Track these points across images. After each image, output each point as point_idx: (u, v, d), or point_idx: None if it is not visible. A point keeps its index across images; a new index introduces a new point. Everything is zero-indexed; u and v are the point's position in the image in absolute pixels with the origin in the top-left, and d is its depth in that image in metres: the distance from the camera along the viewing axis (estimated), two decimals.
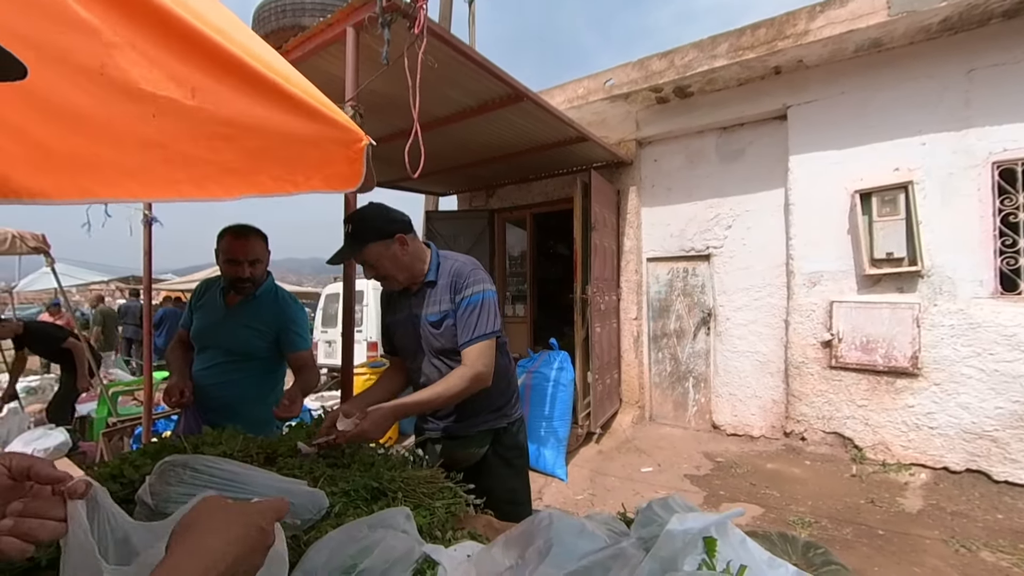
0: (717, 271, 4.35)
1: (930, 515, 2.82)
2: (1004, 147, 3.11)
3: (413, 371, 1.56)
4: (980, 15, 3.05)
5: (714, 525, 0.77)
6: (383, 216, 1.41)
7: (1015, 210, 3.08)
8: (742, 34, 3.60)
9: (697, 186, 4.44)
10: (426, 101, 2.85)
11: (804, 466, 3.53)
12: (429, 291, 1.47)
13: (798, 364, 3.79)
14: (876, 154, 3.50)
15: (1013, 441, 3.05)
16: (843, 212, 3.60)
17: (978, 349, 3.14)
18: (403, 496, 1.11)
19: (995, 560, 2.38)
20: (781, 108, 3.89)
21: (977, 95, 3.20)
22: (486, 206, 5.82)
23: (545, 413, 3.46)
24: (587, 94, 4.44)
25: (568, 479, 3.36)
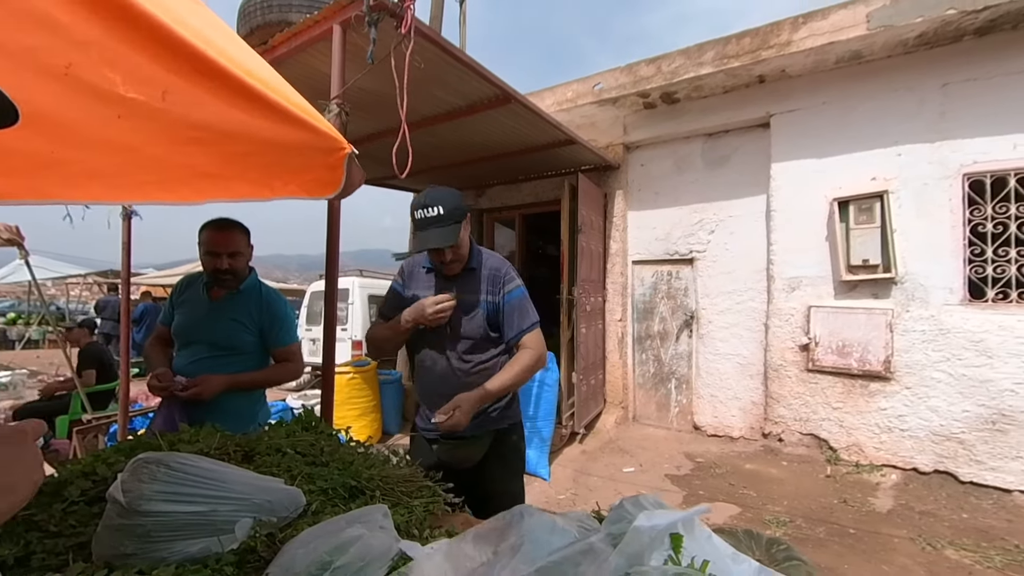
0: (700, 275, 4.43)
1: (899, 515, 2.91)
2: (974, 159, 3.23)
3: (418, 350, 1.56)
4: (954, 32, 3.16)
5: (681, 522, 0.80)
6: (458, 197, 1.46)
7: (983, 220, 3.20)
8: (728, 43, 3.67)
9: (683, 191, 4.51)
10: (415, 100, 2.85)
11: (781, 467, 3.61)
12: (469, 277, 1.53)
13: (777, 367, 3.88)
14: (855, 163, 3.60)
15: (979, 443, 3.16)
16: (822, 219, 3.69)
17: (947, 354, 3.25)
18: (381, 494, 1.12)
19: (959, 558, 2.47)
20: (765, 116, 3.98)
21: (951, 108, 3.31)
22: (476, 206, 5.82)
23: (529, 413, 3.48)
24: (576, 97, 4.47)
25: (551, 479, 3.39)
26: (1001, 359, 3.09)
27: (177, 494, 0.78)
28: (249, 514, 0.85)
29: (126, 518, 0.75)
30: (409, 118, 3.23)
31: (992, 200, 3.18)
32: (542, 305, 6.08)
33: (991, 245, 3.18)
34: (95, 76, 0.75)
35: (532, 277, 6.43)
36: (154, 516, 0.75)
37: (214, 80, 0.79)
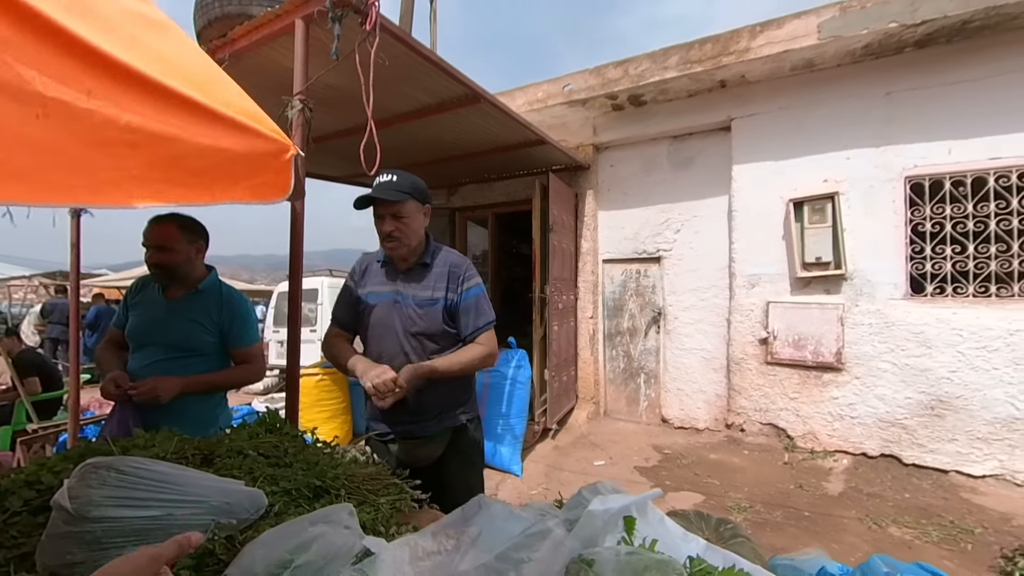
0: (667, 273, 4.57)
1: (849, 497, 3.10)
2: (915, 163, 3.46)
3: (373, 346, 1.55)
4: (896, 43, 3.38)
5: (634, 505, 0.84)
6: (422, 183, 1.54)
7: (923, 220, 3.44)
8: (691, 48, 3.80)
9: (650, 192, 4.63)
10: (384, 97, 2.83)
11: (743, 455, 3.78)
12: (422, 272, 1.54)
13: (738, 360, 4.05)
14: (809, 166, 3.80)
15: (920, 428, 3.41)
16: (779, 219, 3.88)
17: (892, 346, 3.48)
18: (346, 493, 1.12)
19: (901, 534, 2.65)
20: (726, 120, 4.14)
21: (895, 115, 3.54)
22: (447, 204, 5.80)
23: (502, 411, 3.51)
24: (547, 98, 4.53)
25: (524, 475, 3.43)
26: (939, 349, 3.33)
27: (129, 499, 0.76)
28: (207, 517, 0.84)
29: (73, 525, 0.73)
30: (378, 115, 3.19)
31: (930, 201, 3.42)
32: (517, 304, 6.11)
33: (929, 243, 3.42)
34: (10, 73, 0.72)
35: (505, 276, 6.47)
36: (104, 522, 0.74)
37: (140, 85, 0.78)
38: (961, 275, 3.34)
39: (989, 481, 3.20)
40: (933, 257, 3.41)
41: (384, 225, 1.46)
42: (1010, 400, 3.14)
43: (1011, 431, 3.15)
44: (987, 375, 3.20)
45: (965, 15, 3.02)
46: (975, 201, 3.29)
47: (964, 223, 3.32)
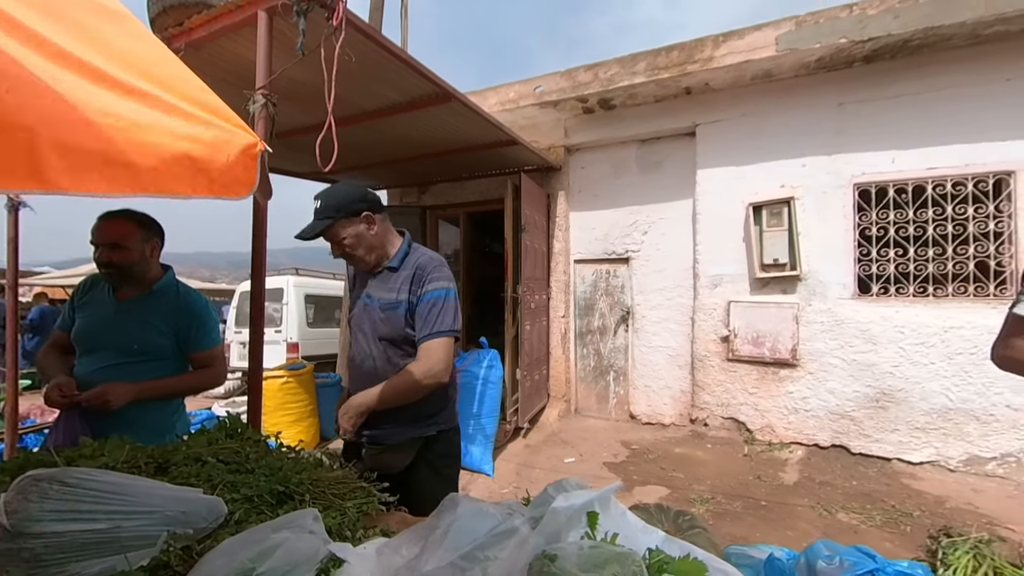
0: (635, 273, 4.69)
1: (803, 486, 3.28)
2: (863, 171, 3.69)
3: (356, 349, 1.56)
4: (846, 57, 3.59)
5: (597, 500, 0.87)
6: (352, 194, 1.45)
7: (870, 225, 3.68)
8: (658, 55, 3.91)
9: (619, 194, 4.74)
10: (353, 94, 2.78)
11: (706, 449, 3.93)
12: (389, 276, 1.51)
13: (702, 357, 4.21)
14: (767, 171, 3.99)
15: (866, 420, 3.64)
16: (740, 222, 4.05)
17: (842, 342, 3.70)
18: (311, 499, 1.10)
19: (848, 519, 2.83)
20: (691, 125, 4.28)
21: (845, 125, 3.76)
22: (419, 203, 5.74)
23: (474, 411, 3.51)
24: (518, 98, 4.55)
25: (495, 474, 3.45)
26: (883, 345, 3.57)
27: (73, 512, 0.73)
28: (160, 527, 0.81)
29: (10, 542, 0.69)
30: (348, 112, 3.13)
31: (876, 207, 3.66)
32: (491, 303, 6.09)
33: (875, 247, 3.66)
34: None
35: (478, 275, 6.46)
36: (44, 538, 0.70)
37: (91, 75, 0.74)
38: (903, 276, 3.59)
39: (926, 467, 3.46)
40: (878, 259, 3.65)
41: (333, 251, 1.48)
42: (945, 392, 3.41)
43: (945, 420, 3.41)
44: (925, 369, 3.45)
45: (906, 34, 3.25)
46: (915, 207, 3.55)
47: (906, 228, 3.57)
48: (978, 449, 3.33)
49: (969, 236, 3.41)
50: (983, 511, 2.89)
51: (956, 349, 3.34)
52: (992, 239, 3.35)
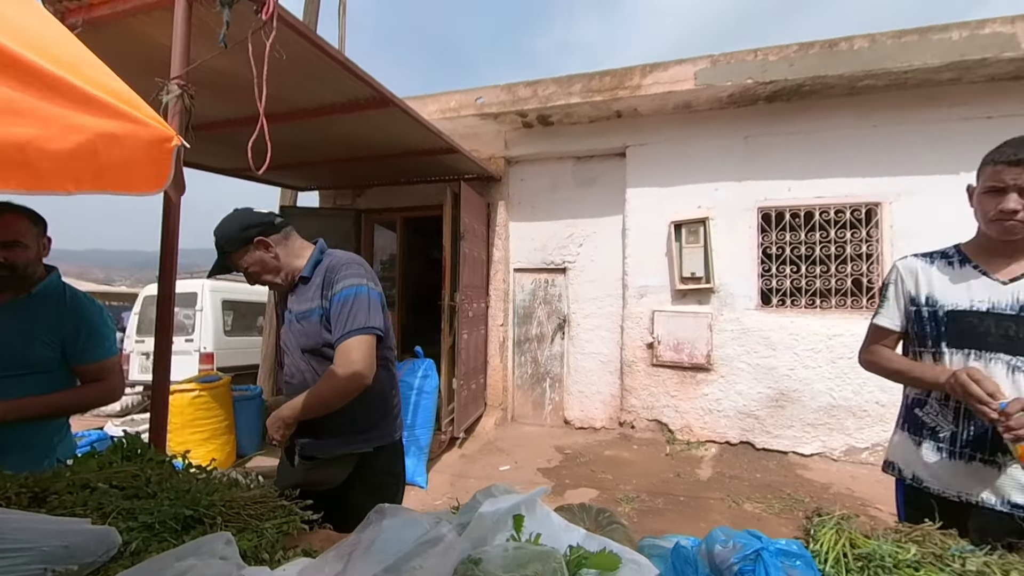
0: (571, 283, 4.88)
1: (716, 480, 3.59)
2: (765, 197, 4.17)
3: (287, 367, 1.51)
4: (752, 96, 4.05)
5: (523, 504, 0.91)
6: (239, 223, 1.40)
7: (770, 244, 4.16)
8: (592, 78, 4.15)
9: (557, 207, 4.93)
10: (284, 91, 2.64)
11: (633, 450, 4.16)
12: (302, 288, 1.46)
13: (630, 363, 4.47)
14: (687, 193, 4.37)
15: (768, 418, 4.07)
16: (663, 238, 4.39)
17: (748, 348, 4.12)
18: (224, 521, 1.03)
19: (753, 509, 3.14)
20: (622, 147, 4.58)
21: (751, 155, 4.23)
22: (353, 205, 5.54)
23: (407, 422, 3.43)
24: (460, 107, 4.59)
25: (428, 486, 3.39)
26: (781, 351, 4.03)
27: None
28: (36, 565, 0.72)
29: None
30: (278, 108, 2.97)
31: (775, 229, 4.14)
32: (428, 311, 5.96)
33: (775, 264, 4.14)
34: None
35: (415, 282, 6.34)
36: None
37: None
38: (796, 290, 4.10)
39: (815, 459, 3.94)
40: (777, 275, 4.14)
41: (248, 281, 1.47)
42: (829, 392, 3.92)
43: (830, 416, 3.92)
44: (814, 372, 3.95)
45: (799, 80, 3.75)
46: (806, 230, 4.07)
47: (799, 248, 4.08)
48: (855, 441, 3.86)
49: (847, 256, 3.98)
50: (858, 494, 3.34)
51: (838, 354, 3.86)
52: (864, 260, 3.94)
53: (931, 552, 0.86)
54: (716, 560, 0.91)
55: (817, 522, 0.99)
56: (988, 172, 1.19)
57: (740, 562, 0.88)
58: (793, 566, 0.85)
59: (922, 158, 3.73)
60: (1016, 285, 1.20)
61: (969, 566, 0.82)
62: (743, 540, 0.94)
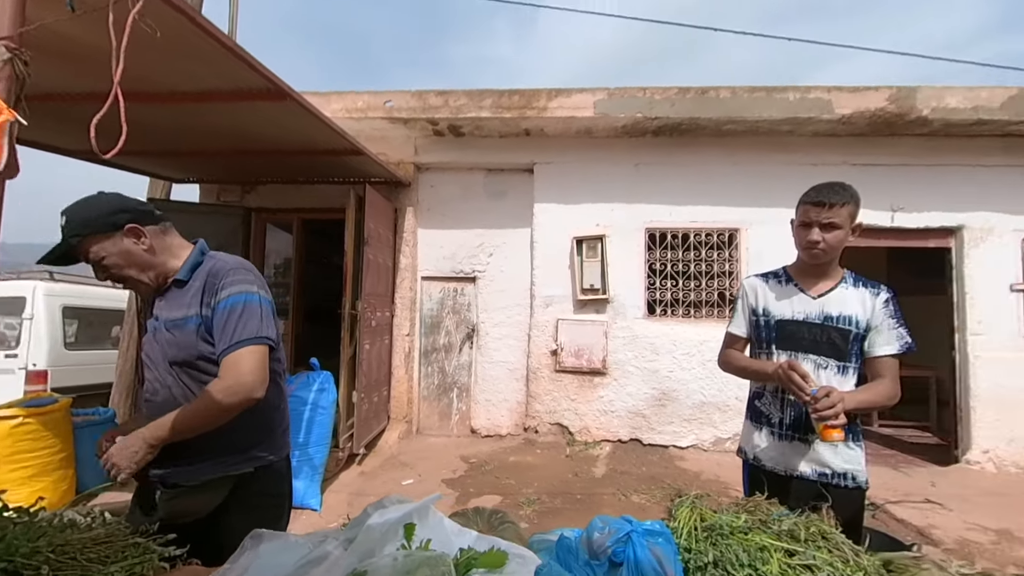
0: (481, 292, 4.95)
1: (609, 476, 3.88)
2: (651, 219, 4.68)
3: (148, 383, 1.30)
4: (642, 128, 4.55)
5: (415, 512, 0.91)
6: (108, 205, 1.20)
7: (655, 261, 4.67)
8: (502, 95, 4.31)
9: (468, 216, 4.98)
10: (156, 71, 2.33)
11: (536, 455, 4.32)
12: (178, 292, 1.28)
13: (535, 370, 4.66)
14: (588, 211, 4.72)
15: (652, 416, 4.53)
16: (567, 252, 4.69)
17: (636, 353, 4.56)
18: (53, 571, 0.87)
19: (640, 500, 3.46)
20: (530, 163, 4.81)
21: (640, 181, 4.72)
22: (241, 203, 5.00)
23: (300, 440, 3.16)
24: (367, 108, 4.43)
25: (323, 508, 3.15)
26: (663, 355, 4.53)
27: None
28: None
29: None
30: (147, 88, 2.60)
31: (659, 247, 4.67)
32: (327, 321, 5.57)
33: (659, 278, 4.65)
34: None
35: (312, 289, 5.91)
36: None
37: None
38: (675, 301, 4.65)
39: (690, 450, 4.47)
40: (660, 288, 4.66)
41: (99, 275, 1.25)
42: (701, 391, 4.49)
43: (701, 412, 4.49)
44: (689, 373, 4.50)
45: (679, 119, 4.30)
46: (683, 249, 4.65)
47: (678, 265, 4.64)
48: (721, 432, 4.46)
49: (715, 273, 4.62)
50: (723, 479, 3.86)
51: (707, 357, 4.44)
52: (728, 276, 4.62)
53: (758, 519, 1.05)
54: (594, 546, 1.00)
55: (677, 503, 1.14)
56: (800, 210, 1.52)
57: (614, 545, 0.98)
58: (656, 543, 0.97)
59: (769, 193, 4.50)
60: (822, 299, 1.52)
61: (784, 526, 1.01)
62: (617, 525, 1.05)
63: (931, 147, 4.45)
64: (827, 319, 1.48)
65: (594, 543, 0.99)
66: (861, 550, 0.95)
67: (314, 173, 4.56)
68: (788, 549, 0.91)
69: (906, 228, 4.48)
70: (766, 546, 0.91)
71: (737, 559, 0.87)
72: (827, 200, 1.43)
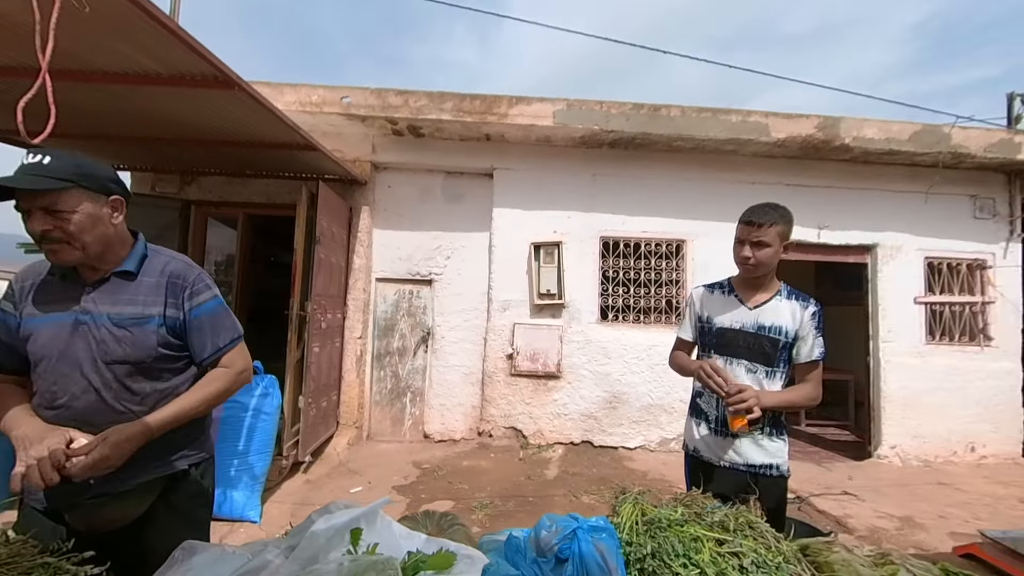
0: (437, 295, 4.90)
1: (560, 478, 3.95)
2: (605, 227, 4.85)
3: (46, 385, 1.14)
4: (598, 140, 4.71)
5: (362, 517, 0.90)
6: (107, 171, 1.20)
7: (608, 268, 4.84)
8: (464, 99, 4.32)
9: (425, 218, 4.92)
10: (83, 47, 2.14)
11: (490, 459, 4.32)
12: (122, 284, 1.20)
13: (491, 373, 4.67)
14: (545, 218, 4.82)
15: (604, 418, 4.66)
16: (524, 257, 4.75)
17: (590, 357, 4.68)
18: None
19: (590, 501, 3.54)
20: (490, 168, 4.84)
21: (596, 191, 4.88)
22: (180, 194, 4.67)
23: (239, 448, 2.98)
24: (322, 103, 4.28)
25: (263, 519, 2.98)
26: (615, 359, 4.68)
27: None
28: None
29: None
30: (72, 65, 2.38)
31: (612, 255, 4.84)
32: (273, 322, 5.31)
33: (611, 285, 4.82)
34: None
35: (261, 290, 5.60)
36: None
37: None
38: (627, 307, 4.83)
39: (638, 451, 4.64)
40: (612, 294, 4.82)
41: (32, 223, 1.09)
42: (648, 393, 4.68)
43: (649, 414, 4.68)
44: (638, 376, 4.68)
45: (633, 133, 4.49)
46: (635, 258, 4.85)
47: (629, 272, 4.83)
48: (666, 433, 4.67)
49: (663, 281, 4.85)
50: (668, 478, 4.04)
51: (655, 361, 4.65)
52: (675, 284, 4.86)
53: (694, 512, 1.12)
54: (542, 544, 1.03)
55: (620, 500, 1.19)
56: (737, 228, 1.69)
57: (560, 542, 1.01)
58: (600, 538, 1.01)
59: (713, 207, 4.80)
60: (757, 311, 1.68)
61: (716, 518, 1.08)
62: (563, 523, 1.08)
63: (852, 172, 4.94)
64: (760, 328, 1.64)
65: (542, 541, 1.01)
66: (782, 537, 1.04)
67: (263, 167, 4.34)
68: (719, 539, 0.98)
69: (831, 244, 4.93)
70: (699, 536, 0.98)
71: (673, 549, 0.93)
72: (757, 220, 1.59)
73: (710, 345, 1.73)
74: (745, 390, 1.48)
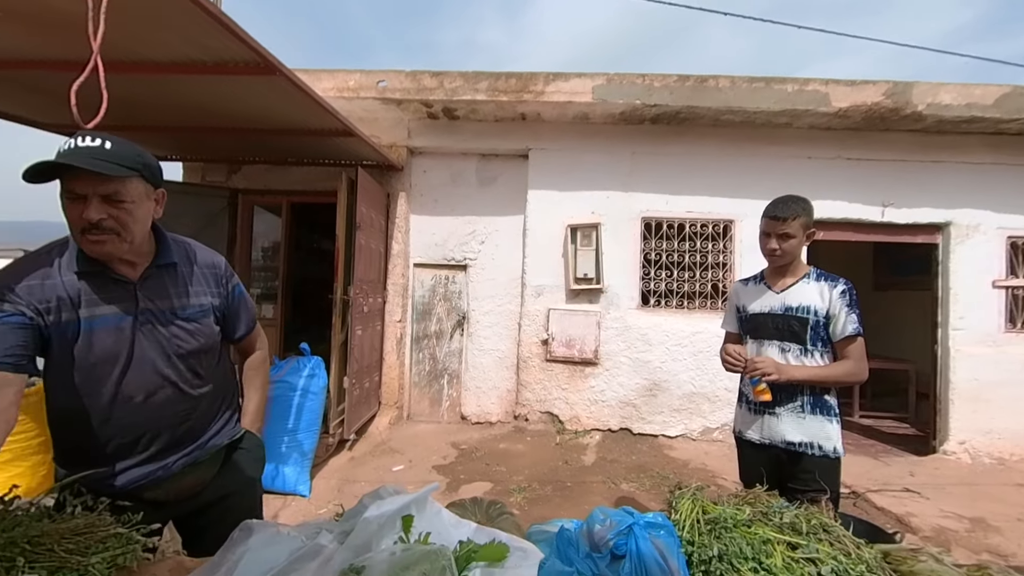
0: (472, 280, 4.90)
1: (598, 465, 3.91)
2: (647, 208, 4.65)
3: (130, 386, 1.11)
4: (639, 116, 4.49)
5: (413, 504, 0.88)
6: (157, 163, 1.15)
7: (650, 251, 4.66)
8: (498, 78, 4.20)
9: (459, 203, 4.90)
10: (126, 37, 2.19)
11: (526, 442, 4.33)
12: (165, 276, 1.18)
13: (525, 358, 4.65)
14: (582, 199, 4.67)
15: (643, 406, 4.56)
16: (560, 240, 4.64)
17: (628, 344, 4.56)
18: (28, 563, 0.83)
19: (628, 488, 3.49)
20: (525, 149, 4.73)
21: (636, 169, 4.68)
22: (227, 183, 4.85)
23: (288, 426, 3.11)
24: (359, 88, 4.29)
25: (311, 494, 3.12)
26: (655, 346, 4.54)
27: None
28: None
29: None
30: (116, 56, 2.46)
31: (654, 237, 4.65)
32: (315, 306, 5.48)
33: (653, 268, 4.64)
34: None
35: (303, 275, 5.79)
36: None
37: None
38: (669, 292, 4.65)
39: (679, 439, 4.52)
40: (654, 278, 4.65)
41: (89, 211, 0.98)
42: (691, 381, 4.52)
43: (691, 403, 4.53)
44: (679, 364, 4.52)
45: (677, 107, 4.24)
46: (678, 240, 4.64)
47: (672, 255, 4.64)
48: (709, 422, 4.51)
49: (709, 264, 4.63)
50: (710, 468, 3.92)
51: (699, 349, 4.47)
52: (721, 268, 4.63)
53: (760, 511, 1.04)
54: (595, 538, 0.98)
55: (677, 494, 1.12)
56: (762, 222, 1.78)
57: (615, 537, 0.96)
58: (658, 535, 0.96)
59: (763, 185, 4.49)
60: (784, 293, 1.76)
61: (785, 519, 1.00)
62: (618, 517, 1.03)
63: (922, 143, 4.48)
64: (787, 309, 1.72)
65: (595, 535, 0.97)
66: (862, 543, 0.95)
67: (303, 154, 4.42)
68: (791, 542, 0.90)
69: (896, 223, 4.52)
70: (769, 539, 0.90)
71: (741, 552, 0.86)
72: (781, 215, 1.70)
73: (745, 331, 1.86)
74: (763, 360, 1.64)
